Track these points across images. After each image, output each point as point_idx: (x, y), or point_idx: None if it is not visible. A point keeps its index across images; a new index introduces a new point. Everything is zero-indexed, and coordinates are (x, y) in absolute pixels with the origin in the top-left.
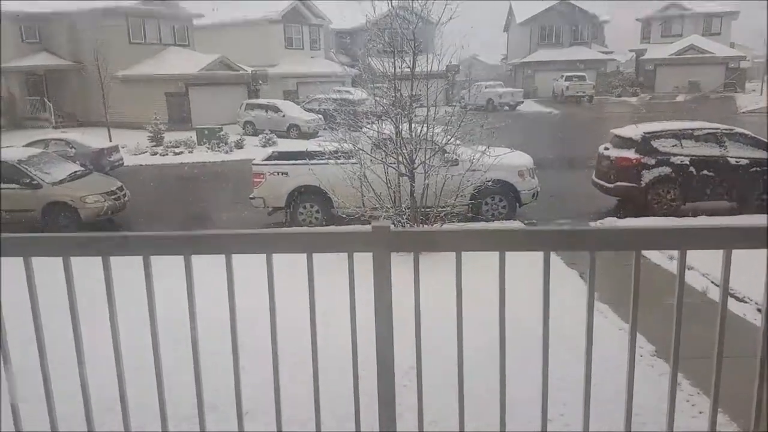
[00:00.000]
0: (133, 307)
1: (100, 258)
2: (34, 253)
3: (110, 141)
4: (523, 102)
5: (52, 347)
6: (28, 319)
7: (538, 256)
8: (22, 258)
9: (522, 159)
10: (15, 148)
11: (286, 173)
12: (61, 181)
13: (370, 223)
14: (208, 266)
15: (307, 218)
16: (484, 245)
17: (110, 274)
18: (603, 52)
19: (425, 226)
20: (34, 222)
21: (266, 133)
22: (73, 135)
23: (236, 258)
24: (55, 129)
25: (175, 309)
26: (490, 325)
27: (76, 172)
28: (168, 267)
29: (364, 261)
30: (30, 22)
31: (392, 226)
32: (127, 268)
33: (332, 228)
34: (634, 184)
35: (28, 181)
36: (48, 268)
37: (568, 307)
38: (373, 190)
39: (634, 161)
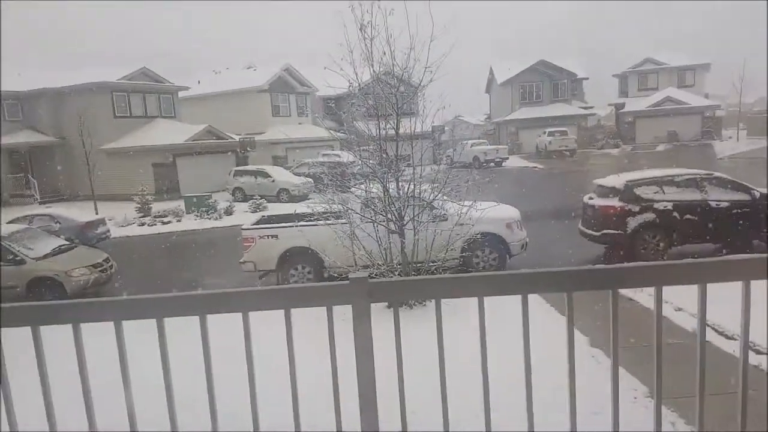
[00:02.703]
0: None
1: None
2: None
3: (96, 214)
4: (508, 158)
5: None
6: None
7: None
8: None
9: (509, 212)
10: None
11: (276, 236)
12: (45, 256)
13: None
14: (174, 331)
15: (299, 279)
16: (464, 291)
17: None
18: (583, 107)
19: None
20: (18, 298)
21: (255, 199)
22: (58, 210)
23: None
24: (40, 204)
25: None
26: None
27: (61, 246)
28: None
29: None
30: (13, 100)
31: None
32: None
33: (311, 284)
34: (620, 231)
35: (11, 257)
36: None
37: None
38: (363, 248)
39: (619, 209)
